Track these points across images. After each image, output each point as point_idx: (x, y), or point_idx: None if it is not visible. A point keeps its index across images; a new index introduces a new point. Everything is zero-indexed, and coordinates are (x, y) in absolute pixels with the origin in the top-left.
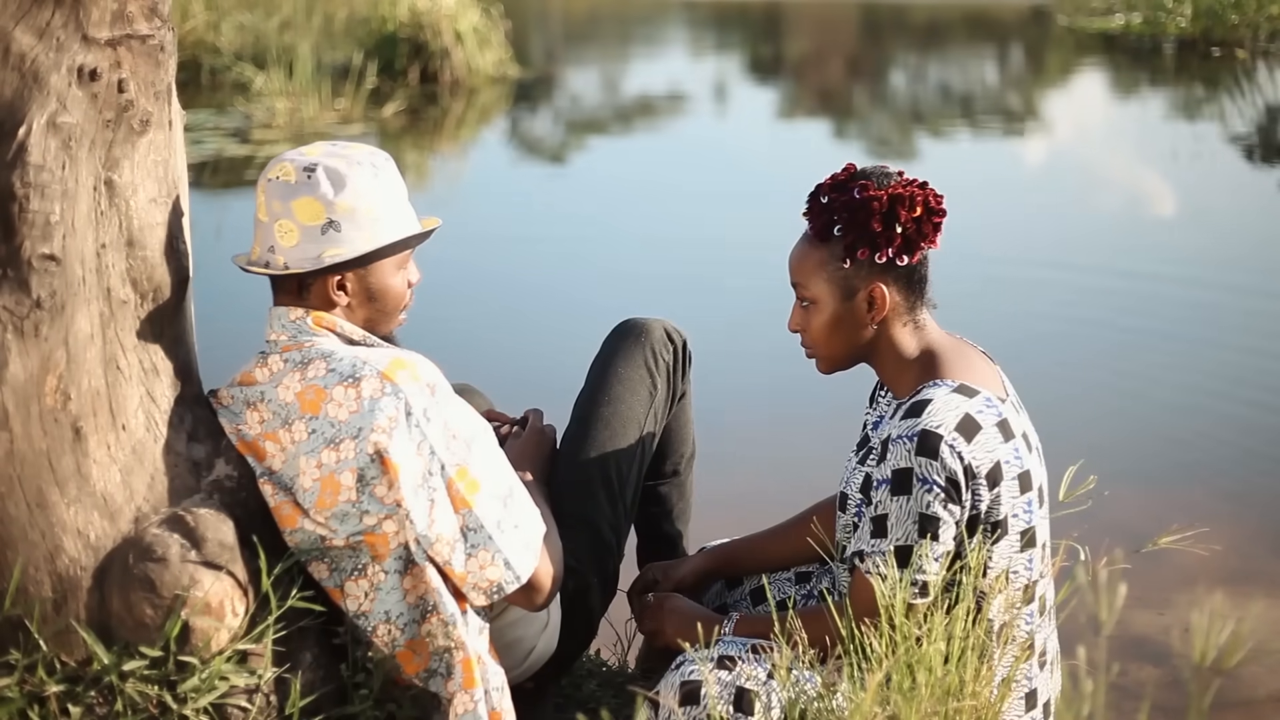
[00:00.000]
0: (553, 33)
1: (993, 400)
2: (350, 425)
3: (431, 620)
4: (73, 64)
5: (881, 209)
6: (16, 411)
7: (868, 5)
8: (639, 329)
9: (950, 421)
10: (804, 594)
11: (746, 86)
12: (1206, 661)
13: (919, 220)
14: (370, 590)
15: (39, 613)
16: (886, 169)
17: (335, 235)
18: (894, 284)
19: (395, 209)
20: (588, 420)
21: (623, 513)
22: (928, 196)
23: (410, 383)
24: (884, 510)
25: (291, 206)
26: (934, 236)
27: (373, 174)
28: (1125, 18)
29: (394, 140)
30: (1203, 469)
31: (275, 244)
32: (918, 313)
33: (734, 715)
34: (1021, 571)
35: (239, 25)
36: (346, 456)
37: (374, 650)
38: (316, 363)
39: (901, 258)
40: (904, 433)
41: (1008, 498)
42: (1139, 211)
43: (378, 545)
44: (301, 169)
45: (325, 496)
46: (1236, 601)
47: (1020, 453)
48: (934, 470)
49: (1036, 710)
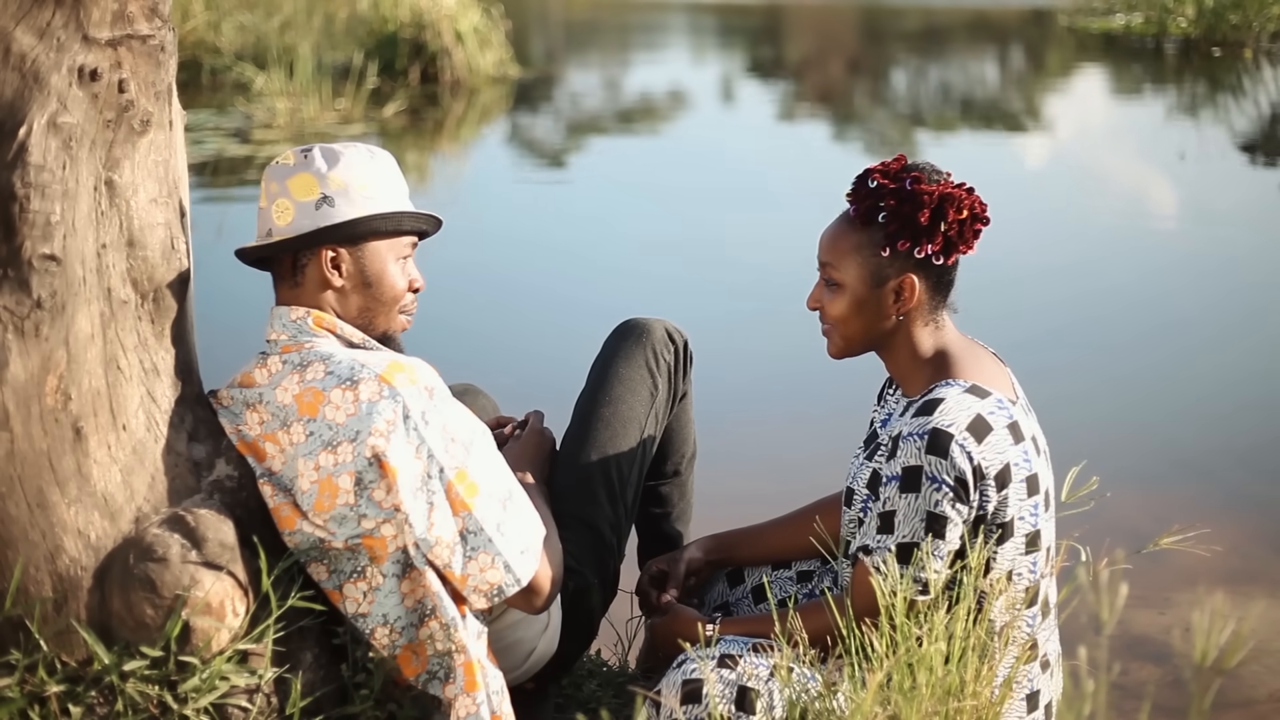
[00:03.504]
0: (553, 33)
1: (1004, 402)
2: (348, 428)
3: (430, 624)
4: (73, 64)
5: (931, 204)
6: (17, 411)
7: (868, 6)
8: (640, 329)
9: (962, 421)
10: (805, 593)
11: (747, 87)
12: (1207, 661)
13: (963, 223)
14: (369, 592)
15: (39, 613)
16: (937, 167)
17: (329, 210)
18: (924, 280)
19: (390, 190)
20: (588, 421)
21: (623, 513)
22: (974, 202)
23: (408, 386)
24: (892, 506)
25: (288, 185)
26: (973, 241)
27: (368, 155)
28: (1126, 18)
29: (394, 140)
30: (1204, 470)
31: (273, 225)
32: (939, 313)
33: (735, 714)
34: (1025, 574)
35: (239, 25)
36: (344, 459)
37: (374, 651)
38: (315, 365)
39: (939, 257)
40: (915, 430)
41: (1015, 500)
42: (1140, 211)
43: (376, 548)
44: (299, 151)
45: (323, 499)
46: (1237, 601)
47: (1029, 455)
48: (944, 469)
49: (1039, 712)
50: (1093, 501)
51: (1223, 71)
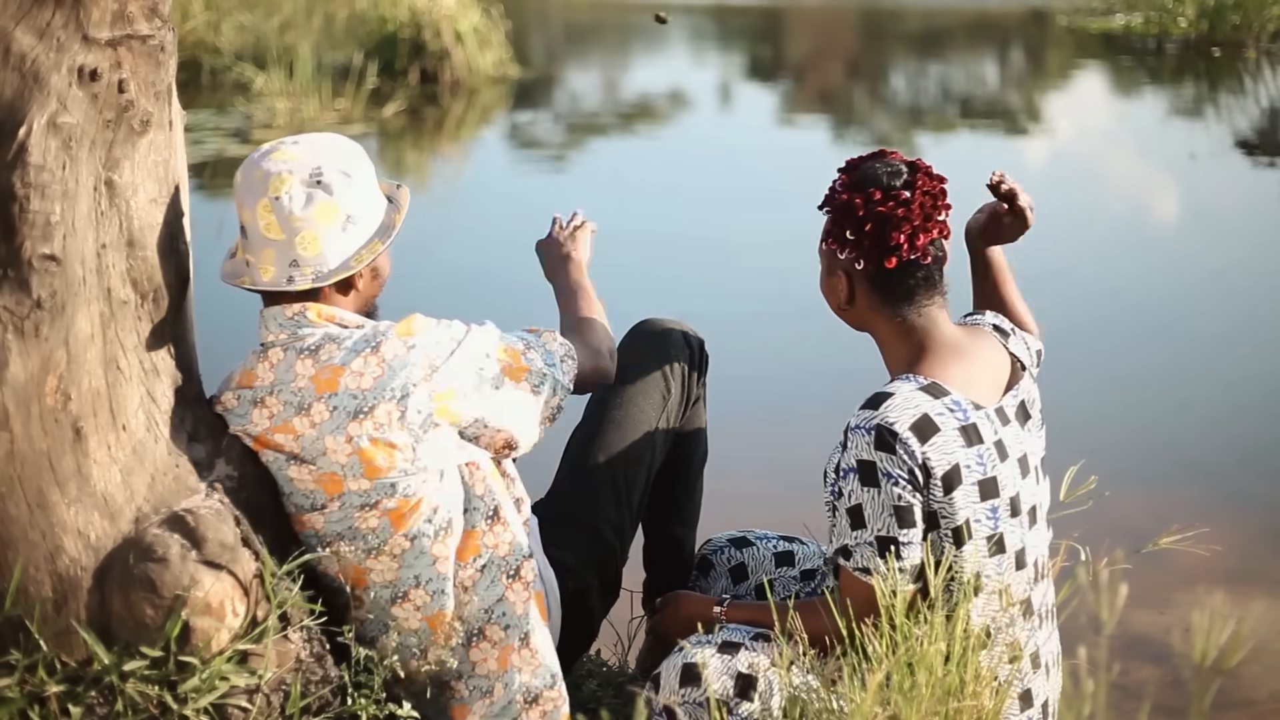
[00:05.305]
0: (553, 33)
1: (960, 404)
2: (378, 390)
3: (457, 590)
4: (73, 64)
5: (855, 214)
6: (17, 411)
7: (868, 7)
8: (656, 331)
9: (905, 419)
10: (808, 591)
11: (747, 87)
12: (1207, 661)
13: (879, 239)
14: (393, 562)
15: (39, 613)
16: (913, 171)
17: (354, 229)
18: (862, 283)
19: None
20: (598, 421)
21: (628, 516)
22: (916, 231)
23: (424, 328)
24: (858, 500)
25: (310, 216)
26: (909, 254)
27: (357, 152)
28: (1126, 18)
29: (394, 140)
30: (1203, 469)
31: (298, 257)
32: (905, 313)
33: (735, 700)
34: (994, 576)
35: (239, 25)
36: (385, 419)
37: (379, 648)
38: (326, 346)
39: (859, 263)
40: (861, 424)
41: (967, 502)
42: (1140, 211)
43: (406, 510)
44: (306, 179)
45: (375, 464)
46: (1237, 601)
47: (985, 459)
48: (894, 464)
49: (1034, 710)
50: (1092, 501)
51: (1223, 71)
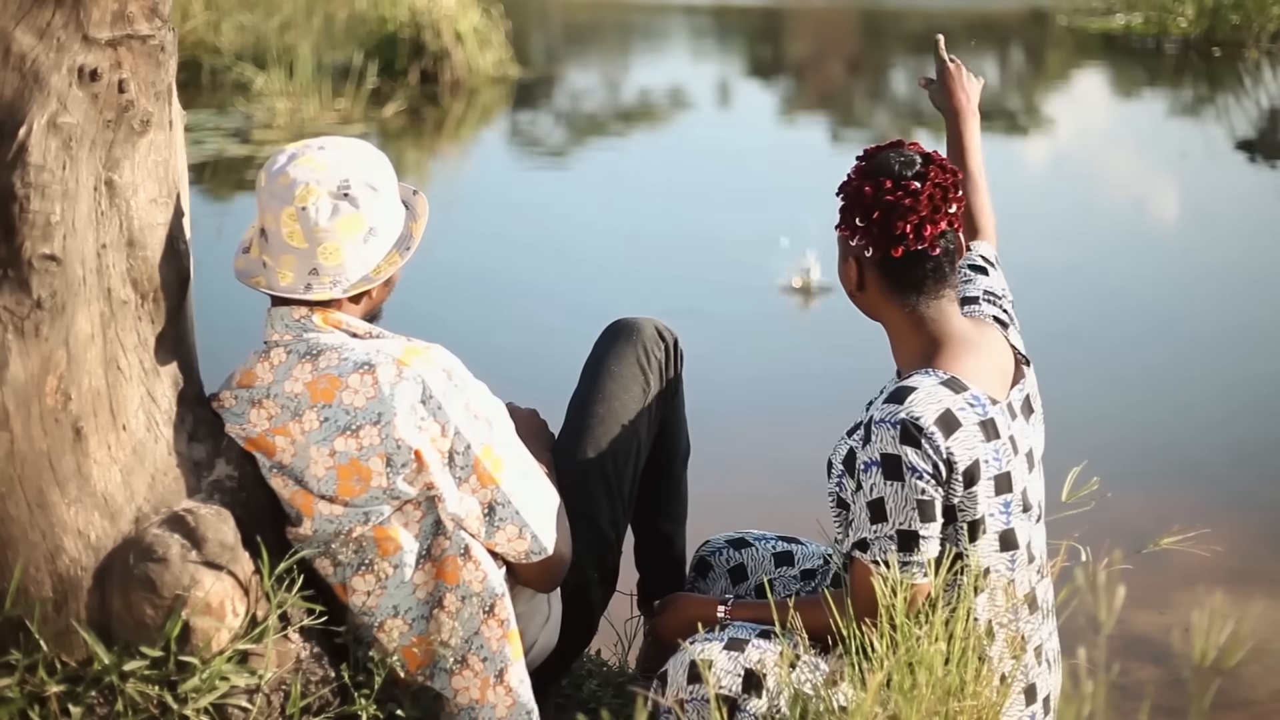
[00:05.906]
0: (553, 33)
1: (979, 399)
2: (368, 411)
3: (439, 615)
4: (73, 64)
5: (865, 201)
6: (17, 411)
7: (868, 7)
8: (630, 328)
9: (930, 414)
10: (809, 590)
11: (747, 88)
12: (1207, 661)
13: (886, 227)
14: (376, 586)
15: (39, 613)
16: (926, 163)
17: (375, 241)
18: (872, 270)
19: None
20: (583, 418)
21: (621, 509)
22: (924, 222)
23: (426, 367)
24: (880, 494)
25: (335, 227)
26: (915, 244)
27: (382, 162)
28: (1126, 18)
29: (394, 140)
30: (1203, 470)
31: (318, 265)
32: (917, 304)
33: (742, 696)
34: (1004, 570)
35: (239, 25)
36: (370, 442)
37: (376, 649)
38: (328, 353)
39: (869, 250)
40: (886, 418)
41: (984, 497)
42: (1140, 212)
43: (386, 539)
44: (334, 191)
45: (350, 484)
46: (1237, 601)
47: (1001, 454)
48: (920, 458)
49: (1037, 705)
50: (1093, 502)
51: (1223, 71)
